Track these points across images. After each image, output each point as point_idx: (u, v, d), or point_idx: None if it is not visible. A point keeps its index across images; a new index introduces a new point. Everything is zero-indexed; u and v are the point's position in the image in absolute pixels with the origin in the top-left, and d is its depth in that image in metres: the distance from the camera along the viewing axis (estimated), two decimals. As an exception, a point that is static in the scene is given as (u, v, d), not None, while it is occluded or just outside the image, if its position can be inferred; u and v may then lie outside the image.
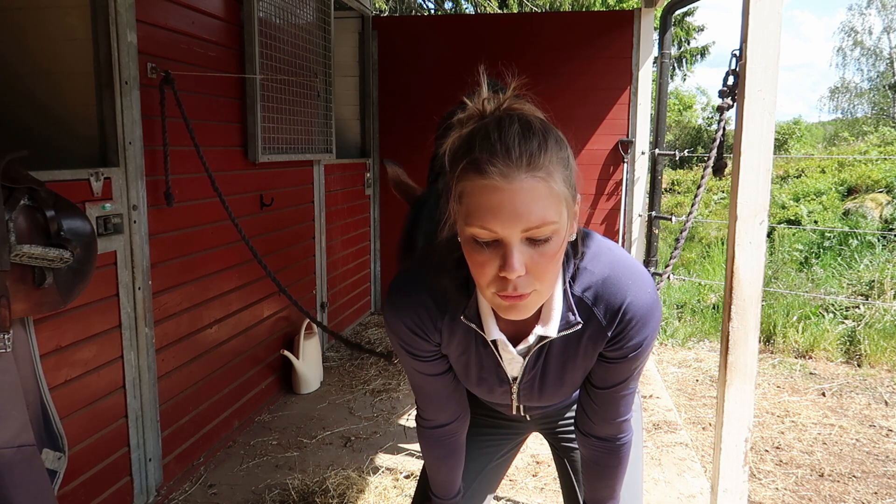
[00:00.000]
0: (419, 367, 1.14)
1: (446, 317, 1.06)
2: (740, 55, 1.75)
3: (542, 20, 4.85)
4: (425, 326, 1.07)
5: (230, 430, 2.93)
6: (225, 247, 2.82)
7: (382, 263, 5.05)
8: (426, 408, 1.22)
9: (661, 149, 4.61)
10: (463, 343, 1.10)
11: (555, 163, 0.88)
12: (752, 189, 1.74)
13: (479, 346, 1.10)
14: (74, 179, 1.95)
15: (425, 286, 1.06)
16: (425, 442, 1.26)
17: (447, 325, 1.07)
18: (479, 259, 0.88)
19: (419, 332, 1.08)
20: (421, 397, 1.21)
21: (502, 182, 0.84)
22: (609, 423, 1.17)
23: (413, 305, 1.06)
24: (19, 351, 1.41)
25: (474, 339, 1.09)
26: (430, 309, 1.06)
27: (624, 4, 13.20)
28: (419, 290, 1.06)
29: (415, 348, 1.10)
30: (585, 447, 1.23)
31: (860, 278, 5.77)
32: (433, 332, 1.08)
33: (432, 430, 1.23)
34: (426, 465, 1.32)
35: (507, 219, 0.84)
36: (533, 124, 0.89)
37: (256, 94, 2.99)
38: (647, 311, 1.02)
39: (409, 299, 1.07)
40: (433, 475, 1.31)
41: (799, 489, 2.68)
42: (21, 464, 1.34)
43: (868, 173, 9.59)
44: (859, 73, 33.22)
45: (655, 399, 3.40)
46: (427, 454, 1.29)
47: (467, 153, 0.88)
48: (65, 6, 2.10)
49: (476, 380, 1.16)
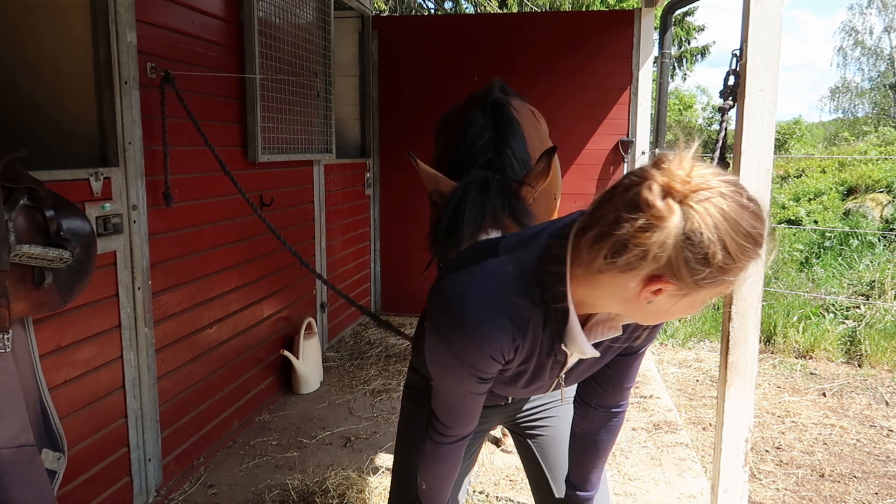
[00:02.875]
0: (472, 389, 1.07)
1: (528, 337, 1.00)
2: (740, 55, 1.75)
3: (542, 20, 4.84)
4: (504, 349, 0.99)
5: (230, 431, 2.93)
6: (224, 247, 2.82)
7: (382, 263, 5.05)
8: (454, 424, 1.16)
9: (661, 148, 4.61)
10: (528, 356, 1.04)
11: None
12: (753, 189, 1.74)
13: (542, 355, 1.05)
14: (74, 179, 1.95)
15: (500, 305, 0.97)
16: (438, 456, 1.20)
17: (525, 344, 1.01)
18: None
19: (496, 356, 1.00)
20: (451, 414, 1.15)
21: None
22: (620, 389, 1.21)
23: (492, 329, 0.97)
24: (19, 351, 1.41)
25: (540, 350, 1.04)
26: (509, 331, 0.98)
27: (624, 4, 13.19)
28: (494, 311, 0.97)
29: (483, 372, 1.02)
30: (585, 420, 1.26)
31: (860, 278, 5.77)
32: (510, 353, 1.01)
33: (450, 445, 1.19)
34: (428, 481, 1.26)
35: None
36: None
37: (256, 94, 2.98)
38: None
39: (484, 321, 0.97)
40: (434, 487, 1.26)
41: (799, 489, 2.67)
42: (21, 464, 1.33)
43: (868, 173, 9.59)
44: (860, 72, 33.21)
45: (655, 399, 3.40)
46: (436, 468, 1.23)
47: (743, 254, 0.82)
48: (65, 6, 2.10)
49: (524, 384, 1.13)
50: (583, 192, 4.63)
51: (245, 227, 2.98)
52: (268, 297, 3.24)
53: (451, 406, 1.13)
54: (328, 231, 4.02)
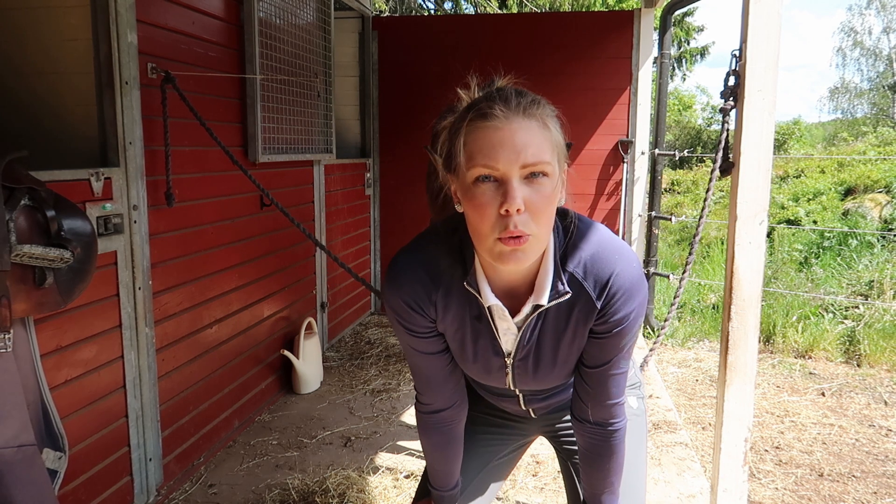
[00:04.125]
0: (416, 345, 1.17)
1: (440, 290, 1.10)
2: (740, 55, 1.75)
3: (542, 20, 4.85)
4: (420, 300, 1.11)
5: (230, 430, 2.94)
6: (225, 247, 2.83)
7: (382, 263, 5.05)
8: (424, 391, 1.25)
9: (660, 149, 4.61)
10: (458, 317, 1.13)
11: (548, 116, 0.99)
12: (752, 189, 1.75)
13: (473, 320, 1.13)
14: (75, 179, 1.95)
15: (420, 261, 1.11)
16: (423, 428, 1.29)
17: (441, 298, 1.11)
18: (482, 200, 0.95)
19: (414, 307, 1.11)
20: (419, 379, 1.24)
21: (503, 123, 0.95)
22: (601, 405, 1.19)
23: (408, 280, 1.10)
24: (20, 350, 1.41)
25: (468, 313, 1.12)
26: (425, 283, 1.10)
27: (624, 4, 13.20)
28: (414, 265, 1.11)
29: (411, 323, 1.14)
30: (581, 434, 1.25)
31: (859, 278, 5.77)
32: (428, 306, 1.11)
33: (430, 415, 1.26)
34: (424, 452, 1.34)
35: (508, 153, 0.94)
36: (526, 90, 1.01)
37: (256, 95, 2.99)
38: (633, 285, 1.08)
39: (404, 274, 1.11)
40: (431, 463, 1.33)
41: (798, 489, 2.68)
42: (22, 463, 1.34)
43: (867, 173, 9.60)
44: (859, 73, 33.24)
45: (655, 399, 3.41)
46: (425, 441, 1.31)
47: (469, 110, 0.99)
48: (65, 6, 2.10)
49: (472, 356, 1.18)
50: (583, 192, 4.63)
51: (245, 227, 2.98)
52: (268, 297, 3.24)
53: (413, 367, 1.23)
54: (328, 231, 4.03)
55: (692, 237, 2.61)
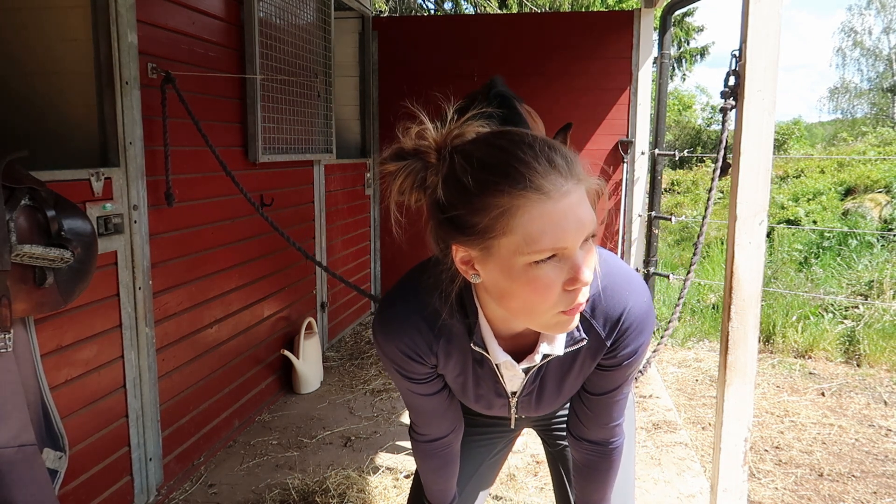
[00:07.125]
0: (413, 388, 1.10)
1: (441, 339, 1.02)
2: (740, 55, 1.75)
3: (542, 20, 4.85)
4: (420, 350, 1.03)
5: (230, 430, 2.94)
6: (225, 247, 2.83)
7: (382, 263, 5.05)
8: (421, 424, 1.19)
9: (660, 149, 4.61)
10: (460, 364, 1.07)
11: (578, 163, 0.88)
12: (752, 189, 1.75)
13: (475, 367, 1.07)
14: (75, 179, 1.95)
15: (417, 308, 1.01)
16: (420, 455, 1.24)
17: (443, 346, 1.03)
18: (546, 282, 0.84)
19: (414, 357, 1.03)
20: (415, 414, 1.18)
21: (561, 195, 0.82)
22: (602, 427, 1.17)
23: (408, 329, 1.01)
24: (20, 350, 1.41)
25: (471, 360, 1.06)
26: (425, 332, 1.02)
27: (624, 4, 13.20)
28: (412, 314, 1.01)
29: (410, 371, 1.06)
30: (578, 451, 1.23)
31: (859, 278, 5.78)
32: (429, 356, 1.04)
33: (427, 443, 1.21)
34: (421, 475, 1.30)
35: (575, 230, 0.83)
36: (542, 138, 0.88)
37: (257, 95, 2.99)
38: (644, 319, 1.03)
39: (401, 323, 1.02)
40: (429, 485, 1.30)
41: (798, 489, 2.68)
42: (22, 463, 1.34)
43: (867, 173, 9.61)
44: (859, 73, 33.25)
45: (655, 399, 3.41)
46: (422, 466, 1.27)
47: (505, 179, 0.82)
48: (65, 6, 2.10)
49: (474, 397, 1.14)
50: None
51: (245, 227, 2.98)
52: (268, 297, 3.24)
53: (409, 404, 1.17)
54: (328, 231, 4.03)
55: (696, 237, 2.61)
